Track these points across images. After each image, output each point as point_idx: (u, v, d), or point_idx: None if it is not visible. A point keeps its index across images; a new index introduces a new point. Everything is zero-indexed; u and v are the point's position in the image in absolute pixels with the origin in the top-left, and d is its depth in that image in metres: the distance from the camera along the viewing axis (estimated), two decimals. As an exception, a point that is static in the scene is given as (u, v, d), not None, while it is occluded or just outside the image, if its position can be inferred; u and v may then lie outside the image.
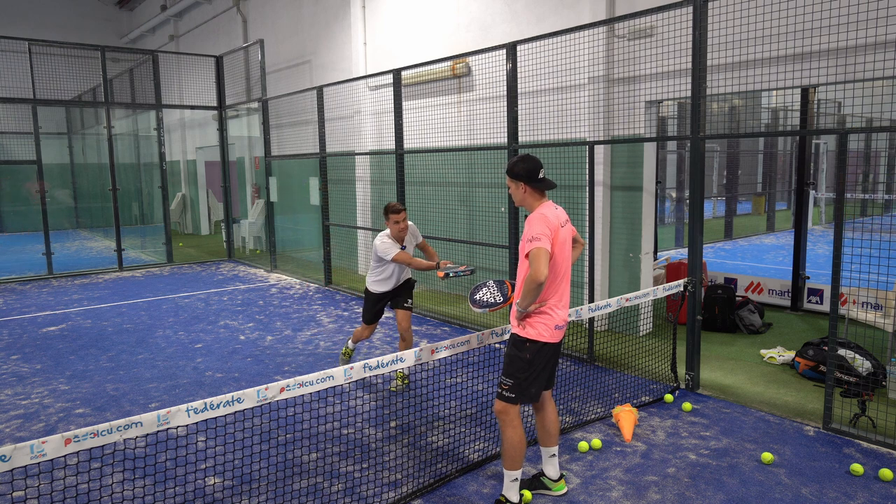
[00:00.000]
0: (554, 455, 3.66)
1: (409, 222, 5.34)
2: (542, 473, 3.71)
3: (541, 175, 3.39)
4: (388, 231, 5.24)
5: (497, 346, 6.31)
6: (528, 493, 3.63)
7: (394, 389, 5.34)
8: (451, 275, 4.73)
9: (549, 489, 3.66)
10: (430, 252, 5.49)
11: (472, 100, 8.35)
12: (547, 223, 3.29)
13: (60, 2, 20.87)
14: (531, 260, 3.22)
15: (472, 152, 8.22)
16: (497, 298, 3.64)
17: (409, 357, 3.49)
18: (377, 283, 5.42)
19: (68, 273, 11.42)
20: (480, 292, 3.71)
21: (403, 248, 5.26)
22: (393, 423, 4.67)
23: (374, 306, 5.50)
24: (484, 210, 8.12)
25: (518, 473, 3.47)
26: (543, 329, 3.37)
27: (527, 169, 3.38)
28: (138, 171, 17.93)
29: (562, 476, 3.71)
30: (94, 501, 3.48)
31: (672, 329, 5.45)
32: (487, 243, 7.43)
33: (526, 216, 3.45)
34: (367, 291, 5.49)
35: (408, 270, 5.46)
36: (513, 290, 3.63)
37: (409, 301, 5.47)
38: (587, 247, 6.11)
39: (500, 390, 3.43)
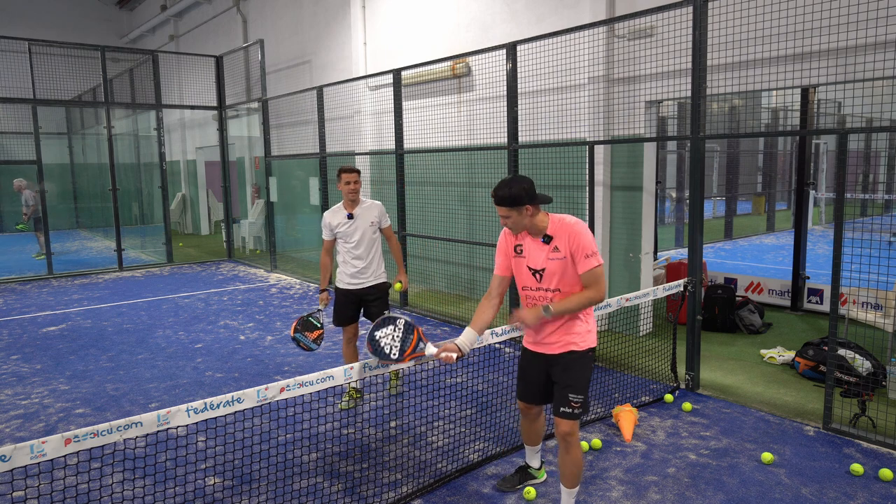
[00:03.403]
0: (538, 451, 3.80)
1: (378, 203, 5.00)
2: (528, 465, 3.81)
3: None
4: (339, 204, 4.94)
5: (497, 346, 6.31)
6: (532, 491, 3.66)
7: (393, 392, 5.27)
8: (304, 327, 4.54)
9: (536, 477, 3.81)
10: (395, 245, 5.14)
11: (472, 100, 8.34)
12: (591, 234, 3.19)
13: (60, 2, 20.87)
14: (596, 280, 3.09)
15: (472, 152, 8.22)
16: (393, 352, 3.22)
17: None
18: (340, 276, 4.95)
19: (68, 273, 11.42)
20: (384, 331, 3.27)
21: (350, 216, 4.84)
22: (393, 423, 4.67)
23: (340, 308, 5.00)
24: (484, 210, 8.12)
25: (577, 489, 3.36)
26: (595, 333, 3.31)
27: (527, 189, 3.08)
28: (138, 171, 17.93)
29: (542, 463, 3.85)
30: (94, 501, 3.48)
31: (672, 329, 5.45)
32: (487, 243, 7.43)
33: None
34: (335, 289, 5.06)
35: (379, 269, 4.98)
36: (416, 347, 3.22)
37: (387, 312, 4.92)
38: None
39: (570, 410, 3.18)
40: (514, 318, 3.26)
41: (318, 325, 4.68)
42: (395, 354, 3.22)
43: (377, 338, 3.25)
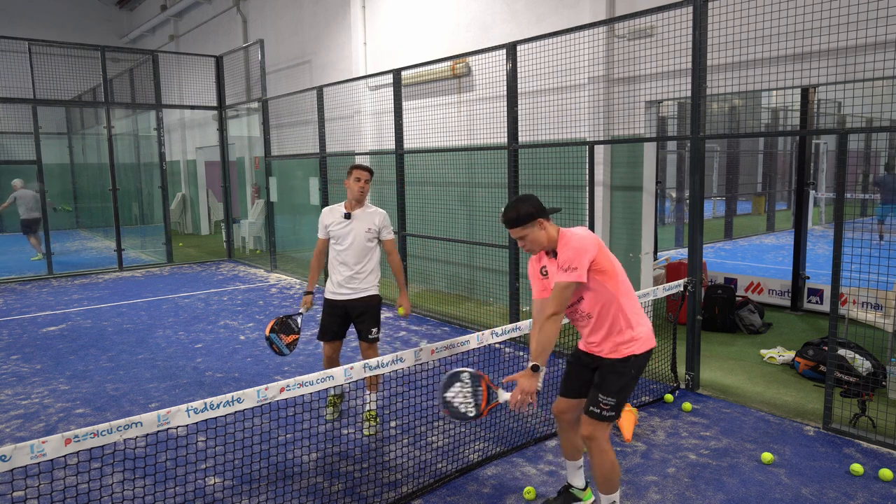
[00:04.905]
0: (581, 467, 3.52)
1: (383, 211, 4.62)
2: (569, 485, 3.55)
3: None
4: (341, 203, 4.61)
5: (497, 346, 6.31)
6: (532, 491, 3.65)
7: (369, 433, 4.59)
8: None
9: (581, 499, 3.52)
10: (396, 262, 4.66)
11: (472, 100, 8.34)
12: (584, 248, 3.01)
13: (60, 2, 20.87)
14: (556, 294, 2.98)
15: (472, 152, 8.22)
16: (469, 410, 3.09)
17: (408, 357, 3.49)
18: (327, 284, 4.59)
19: (68, 273, 11.42)
20: (453, 390, 3.11)
21: (348, 216, 4.48)
22: (393, 423, 4.67)
23: (324, 320, 4.59)
24: (484, 210, 8.12)
25: (617, 496, 3.22)
26: (642, 339, 3.14)
27: (535, 206, 3.07)
28: (138, 171, 17.93)
29: (587, 483, 3.59)
30: (94, 501, 3.48)
31: (672, 329, 5.45)
32: (487, 243, 7.43)
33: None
34: (324, 298, 4.68)
35: (370, 282, 4.56)
36: (489, 397, 3.09)
37: (375, 330, 4.57)
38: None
39: (598, 410, 3.08)
40: (516, 399, 2.98)
41: (296, 329, 4.47)
42: (471, 412, 3.09)
43: (449, 399, 3.09)
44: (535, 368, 2.97)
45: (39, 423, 4.84)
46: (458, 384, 3.11)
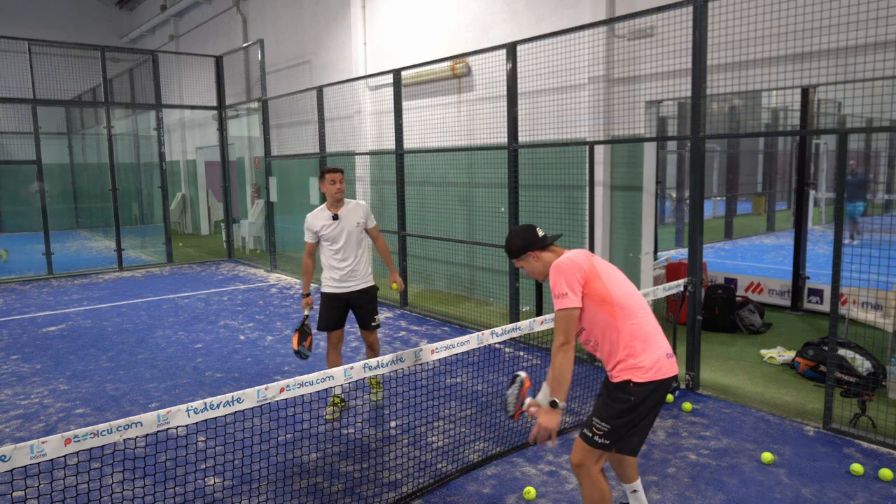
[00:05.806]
0: (635, 491, 3.27)
1: (363, 203, 4.90)
2: None
3: (540, 234, 3.08)
4: (322, 206, 4.82)
5: (497, 346, 6.31)
6: (532, 491, 3.64)
7: (375, 399, 4.98)
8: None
9: None
10: (383, 246, 4.98)
11: (472, 100, 8.35)
12: (565, 270, 2.89)
13: (60, 2, 20.87)
14: (556, 325, 2.86)
15: (472, 152, 8.22)
16: (509, 409, 3.13)
17: (408, 357, 3.49)
18: (326, 280, 4.79)
19: (68, 273, 11.42)
20: (511, 390, 3.16)
21: (336, 217, 4.71)
22: (393, 423, 4.67)
23: (326, 312, 4.80)
24: (484, 210, 8.12)
25: None
26: (638, 368, 2.85)
27: (525, 239, 3.07)
28: (138, 171, 17.93)
29: None
30: (94, 501, 3.48)
31: (672, 329, 5.45)
32: (487, 243, 7.43)
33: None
34: (321, 294, 4.91)
35: (366, 271, 4.86)
36: (523, 401, 3.06)
37: (377, 318, 4.89)
38: (589, 248, 6.10)
39: (589, 433, 2.90)
40: (534, 434, 2.88)
41: (310, 332, 4.68)
42: (510, 411, 3.12)
43: (506, 395, 3.18)
44: (554, 404, 2.80)
45: (39, 423, 4.84)
46: (514, 385, 3.16)
